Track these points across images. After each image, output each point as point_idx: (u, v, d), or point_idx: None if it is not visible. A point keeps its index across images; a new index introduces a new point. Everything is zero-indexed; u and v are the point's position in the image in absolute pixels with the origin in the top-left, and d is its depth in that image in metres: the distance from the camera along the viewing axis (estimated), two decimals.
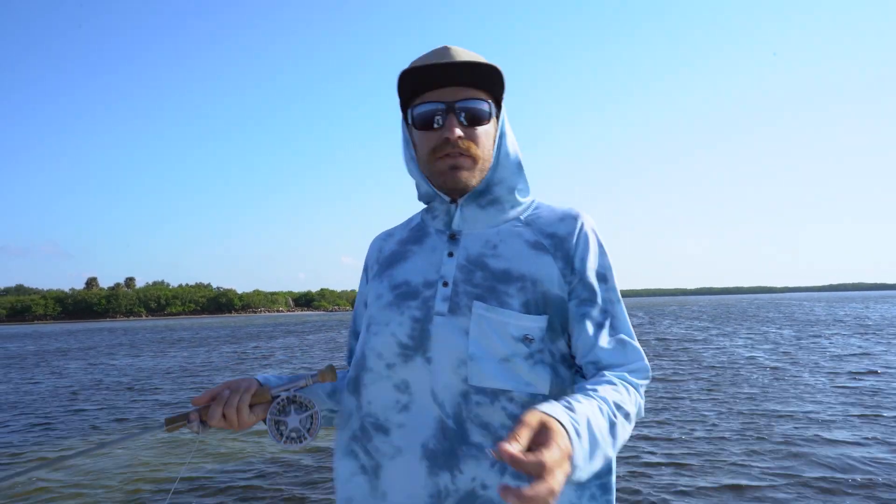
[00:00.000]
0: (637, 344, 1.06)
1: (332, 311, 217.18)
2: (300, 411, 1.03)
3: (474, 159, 1.07)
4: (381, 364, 1.07)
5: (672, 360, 13.21)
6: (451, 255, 1.10)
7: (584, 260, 1.07)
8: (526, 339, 1.02)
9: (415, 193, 1.19)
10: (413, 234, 1.19)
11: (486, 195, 1.11)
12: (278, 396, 1.04)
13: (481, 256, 1.08)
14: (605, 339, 1.04)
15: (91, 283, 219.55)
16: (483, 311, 1.03)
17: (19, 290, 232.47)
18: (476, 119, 1.07)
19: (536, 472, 0.70)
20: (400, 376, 1.05)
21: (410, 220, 1.25)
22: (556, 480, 0.71)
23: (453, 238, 1.12)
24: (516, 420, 0.95)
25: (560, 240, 1.09)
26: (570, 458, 0.77)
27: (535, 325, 1.03)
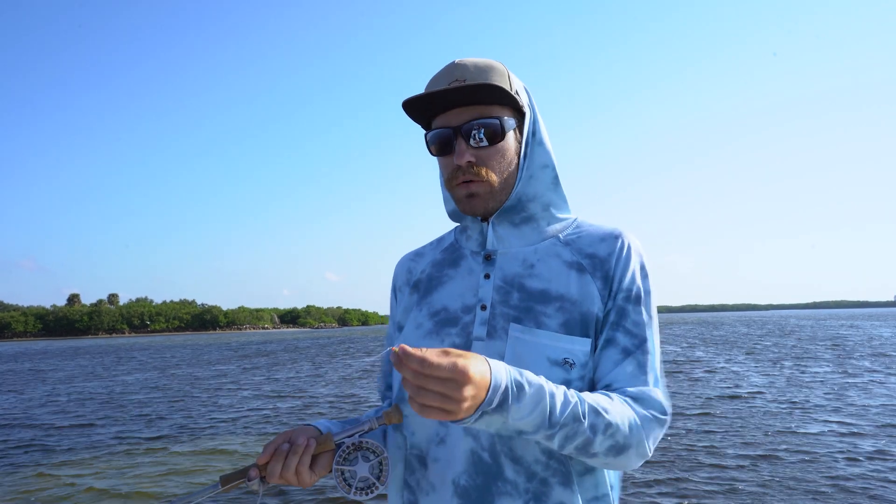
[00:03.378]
0: (660, 376, 0.98)
1: (318, 327, 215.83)
2: (368, 458, 0.95)
3: (490, 182, 1.02)
4: None
5: (673, 386, 12.96)
6: (487, 276, 1.05)
7: (621, 281, 1.01)
8: (566, 363, 0.95)
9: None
10: (447, 256, 1.13)
11: (520, 212, 1.06)
12: (342, 444, 0.95)
13: (518, 276, 1.03)
14: (625, 365, 0.97)
15: (73, 299, 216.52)
16: (519, 333, 0.97)
17: None
18: (488, 138, 1.00)
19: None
20: None
21: (442, 238, 1.20)
22: (444, 368, 0.73)
23: (489, 259, 1.06)
24: (550, 457, 0.93)
25: (600, 260, 1.02)
26: (485, 388, 0.77)
27: (577, 347, 0.96)
